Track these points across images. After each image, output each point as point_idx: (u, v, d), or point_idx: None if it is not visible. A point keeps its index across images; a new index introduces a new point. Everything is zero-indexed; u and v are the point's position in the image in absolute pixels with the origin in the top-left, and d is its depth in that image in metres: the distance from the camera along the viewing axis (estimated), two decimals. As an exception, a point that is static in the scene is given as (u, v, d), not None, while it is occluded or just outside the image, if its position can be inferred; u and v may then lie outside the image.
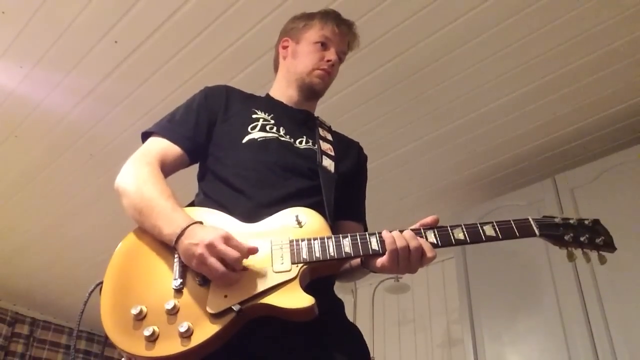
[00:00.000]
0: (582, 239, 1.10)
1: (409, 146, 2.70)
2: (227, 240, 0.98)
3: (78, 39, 2.21)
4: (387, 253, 1.04)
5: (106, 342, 1.01)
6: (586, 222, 1.12)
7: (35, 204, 3.24)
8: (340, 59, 1.43)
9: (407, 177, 2.91)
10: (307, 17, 1.45)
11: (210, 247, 0.96)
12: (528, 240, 1.14)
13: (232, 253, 0.96)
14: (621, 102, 2.38)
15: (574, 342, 2.15)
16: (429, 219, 1.09)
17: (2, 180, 3.07)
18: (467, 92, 2.37)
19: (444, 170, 2.86)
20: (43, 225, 3.43)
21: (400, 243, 1.03)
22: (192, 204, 1.23)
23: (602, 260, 1.10)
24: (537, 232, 1.09)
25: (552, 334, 2.24)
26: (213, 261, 0.95)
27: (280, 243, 1.04)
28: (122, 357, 0.96)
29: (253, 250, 1.00)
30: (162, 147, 1.22)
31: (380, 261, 1.06)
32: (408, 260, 1.04)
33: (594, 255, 1.11)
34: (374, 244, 1.06)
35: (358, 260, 1.15)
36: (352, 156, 1.41)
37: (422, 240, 1.05)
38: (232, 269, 0.97)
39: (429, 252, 1.04)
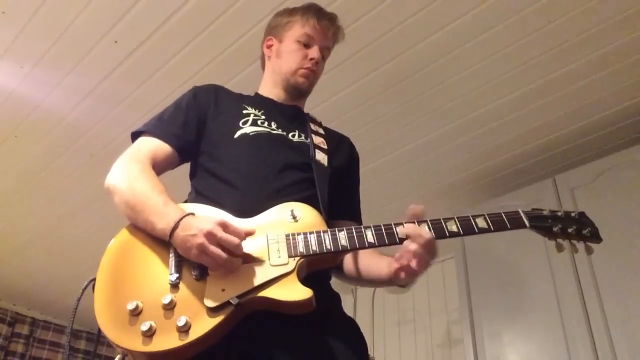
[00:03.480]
0: (569, 230, 1.12)
1: (409, 146, 2.70)
2: (225, 227, 0.98)
3: (78, 39, 2.21)
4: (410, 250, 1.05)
5: (99, 338, 1.00)
6: (573, 214, 1.15)
7: (35, 204, 3.24)
8: (324, 55, 1.41)
9: (407, 177, 2.91)
10: (289, 13, 1.43)
11: (210, 235, 0.96)
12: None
13: (233, 239, 0.97)
14: (621, 102, 2.37)
15: (574, 342, 2.15)
16: (417, 210, 1.10)
17: (2, 180, 3.07)
18: (467, 92, 2.37)
19: (444, 170, 2.86)
20: (43, 225, 3.43)
21: (420, 237, 1.05)
22: (185, 203, 1.22)
23: (589, 251, 1.12)
24: (527, 223, 1.11)
25: (552, 334, 2.24)
26: (214, 249, 0.96)
27: (276, 237, 1.05)
28: (118, 353, 0.96)
29: (250, 233, 1.01)
30: (152, 145, 1.22)
31: (398, 270, 1.08)
32: (429, 254, 1.06)
33: (581, 246, 1.13)
34: (370, 237, 1.07)
35: (384, 277, 1.16)
36: (344, 151, 1.41)
37: (420, 229, 1.07)
38: (234, 255, 0.98)
39: (427, 234, 1.06)
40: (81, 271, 3.83)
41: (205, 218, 1.00)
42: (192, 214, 1.03)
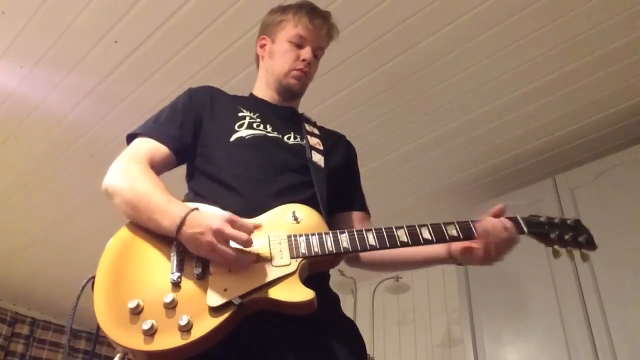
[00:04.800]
0: (566, 237, 1.14)
1: (409, 146, 2.70)
2: (233, 222, 0.98)
3: (78, 39, 2.21)
4: (482, 244, 1.11)
5: (97, 336, 1.00)
6: (568, 221, 1.16)
7: (35, 204, 3.24)
8: (317, 55, 1.40)
9: (407, 177, 2.91)
10: (282, 12, 1.41)
11: (219, 233, 0.96)
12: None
13: (242, 235, 0.97)
14: (621, 102, 2.38)
15: (574, 342, 2.15)
16: (496, 209, 1.14)
17: (2, 180, 3.07)
18: (467, 92, 2.37)
19: (444, 170, 2.86)
20: (43, 225, 3.43)
21: (494, 232, 1.09)
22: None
23: (585, 258, 1.14)
24: (525, 229, 1.13)
25: (552, 334, 2.24)
26: (224, 248, 0.96)
27: (278, 238, 1.05)
28: (118, 352, 0.95)
29: (257, 226, 1.02)
30: (149, 147, 1.21)
31: (476, 254, 1.13)
32: (503, 249, 1.11)
33: (576, 253, 1.14)
34: (371, 239, 1.07)
35: (443, 253, 1.20)
36: (340, 150, 1.41)
37: (506, 223, 1.10)
38: (244, 250, 0.98)
39: (514, 233, 1.11)
40: (81, 271, 3.83)
41: (213, 215, 1.00)
42: (197, 209, 1.02)
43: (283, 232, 1.06)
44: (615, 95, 2.34)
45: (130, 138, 1.25)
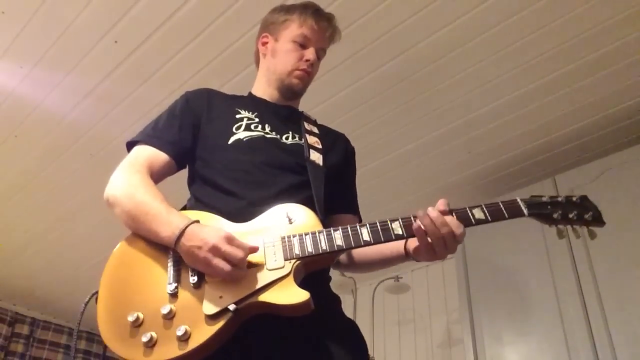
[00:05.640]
0: (570, 215, 1.09)
1: (409, 146, 2.70)
2: (230, 240, 0.98)
3: (78, 39, 2.21)
4: (417, 239, 1.08)
5: (105, 349, 1.01)
6: (574, 198, 1.12)
7: (35, 204, 3.24)
8: (319, 56, 1.40)
9: (407, 177, 2.91)
10: (287, 11, 1.41)
11: (215, 250, 0.97)
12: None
13: (238, 253, 0.97)
14: (621, 102, 2.38)
15: (574, 342, 2.15)
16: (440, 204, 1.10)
17: (2, 180, 3.07)
18: (467, 92, 2.37)
19: (444, 170, 2.86)
20: (43, 225, 3.43)
21: (430, 227, 1.05)
22: (184, 209, 1.22)
23: (592, 236, 1.09)
24: (525, 212, 1.09)
25: (552, 334, 2.24)
26: (218, 261, 0.96)
27: (272, 241, 1.05)
28: None
29: (254, 249, 1.01)
30: (148, 154, 1.21)
31: (417, 249, 1.11)
32: (444, 242, 1.05)
33: (583, 231, 1.10)
34: (365, 234, 1.07)
35: (401, 250, 1.18)
36: (339, 148, 1.41)
37: (448, 219, 1.06)
38: (238, 267, 0.98)
39: (457, 228, 1.05)
40: (81, 271, 3.83)
41: (211, 230, 1.00)
42: (197, 221, 1.03)
43: (277, 234, 1.06)
44: (615, 95, 2.34)
45: (130, 145, 1.26)
